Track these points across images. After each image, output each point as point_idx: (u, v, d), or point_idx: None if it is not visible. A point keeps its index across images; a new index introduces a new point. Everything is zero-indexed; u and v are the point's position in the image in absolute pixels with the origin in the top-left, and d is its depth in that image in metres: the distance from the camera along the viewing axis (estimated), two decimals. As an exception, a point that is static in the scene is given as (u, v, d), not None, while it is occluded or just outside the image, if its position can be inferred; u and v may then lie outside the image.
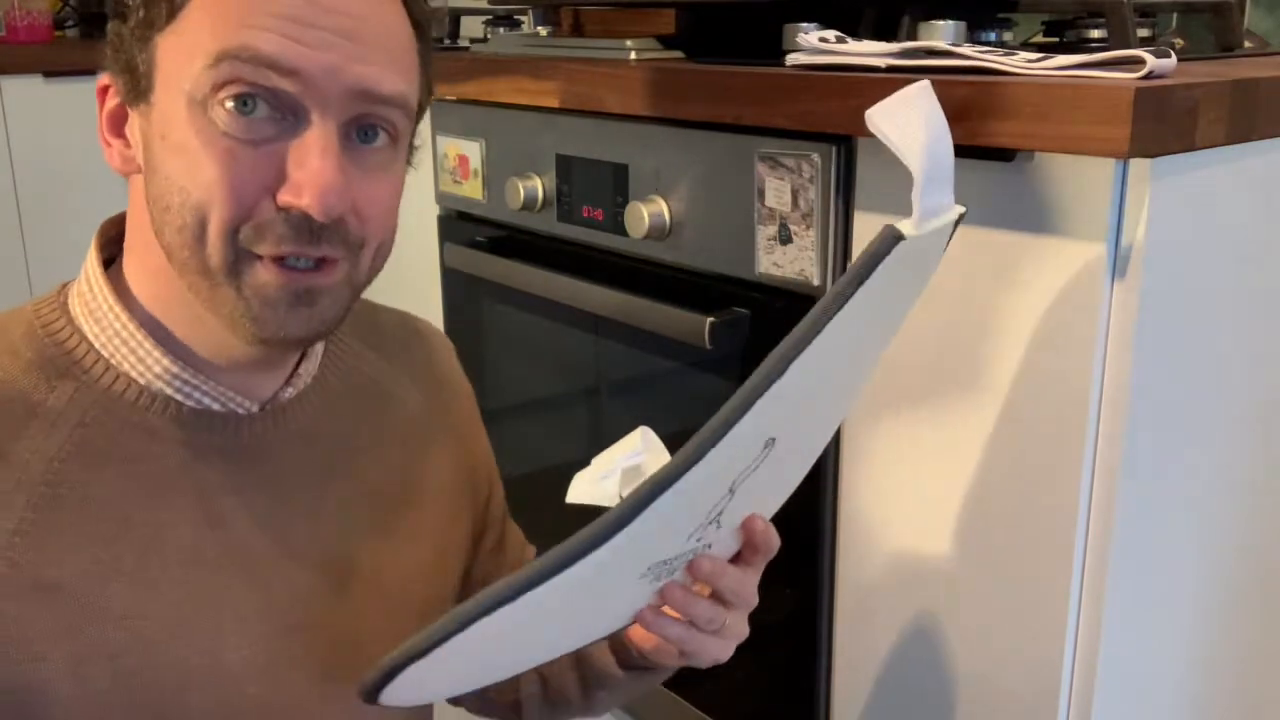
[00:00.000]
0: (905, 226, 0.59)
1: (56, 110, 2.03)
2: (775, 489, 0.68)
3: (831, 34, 0.91)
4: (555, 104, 1.10)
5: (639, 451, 0.62)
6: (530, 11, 1.40)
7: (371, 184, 0.62)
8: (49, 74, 2.02)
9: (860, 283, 0.56)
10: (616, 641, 0.78)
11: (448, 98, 1.29)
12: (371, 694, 0.61)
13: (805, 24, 0.95)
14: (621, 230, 1.06)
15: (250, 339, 0.62)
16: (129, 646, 0.62)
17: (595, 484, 0.62)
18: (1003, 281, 0.80)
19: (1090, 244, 0.74)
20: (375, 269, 0.67)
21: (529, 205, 1.17)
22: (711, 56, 1.05)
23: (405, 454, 0.77)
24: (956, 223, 0.66)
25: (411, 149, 0.69)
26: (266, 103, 0.58)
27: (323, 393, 0.72)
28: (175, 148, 0.59)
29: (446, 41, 1.46)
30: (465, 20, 1.51)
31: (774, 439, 0.60)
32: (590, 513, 1.26)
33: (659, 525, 0.56)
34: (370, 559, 0.73)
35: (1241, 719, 1.04)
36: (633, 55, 1.07)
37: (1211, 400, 0.85)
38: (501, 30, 1.43)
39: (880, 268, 0.57)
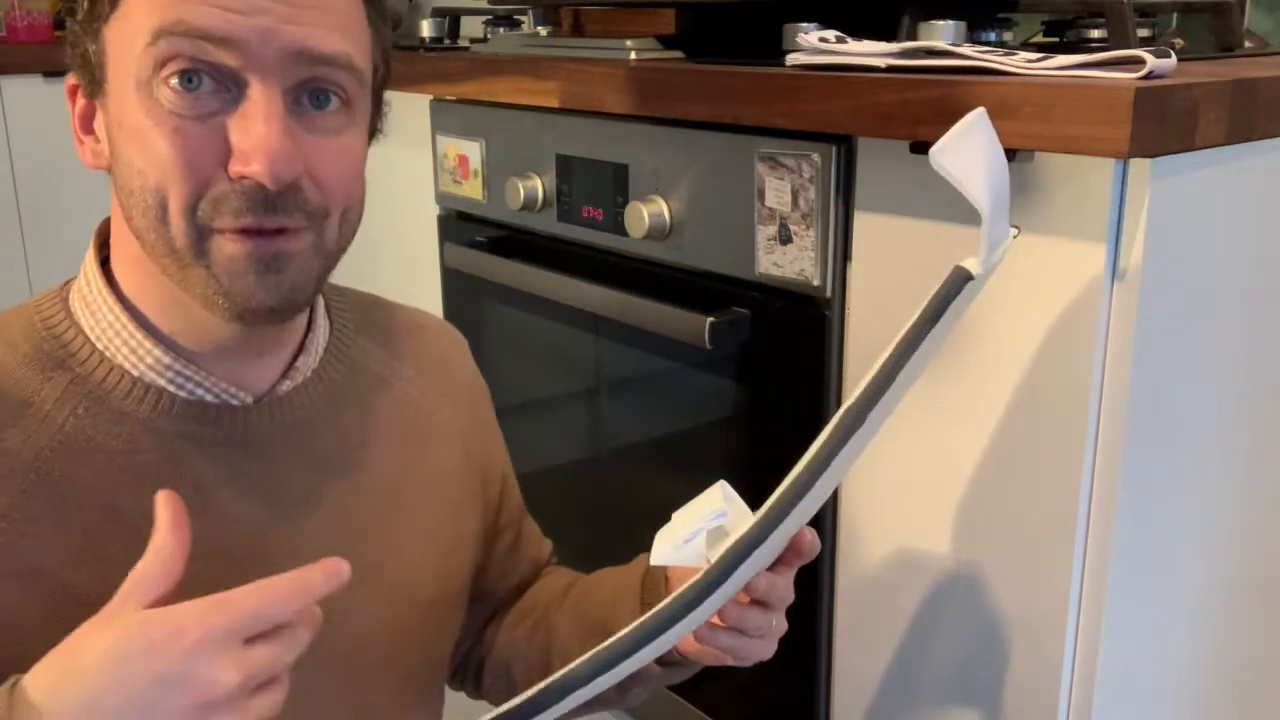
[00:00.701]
0: (972, 265, 0.60)
1: (56, 110, 2.03)
2: (821, 502, 0.70)
3: (831, 34, 0.91)
4: (555, 104, 1.10)
5: (723, 512, 0.64)
6: (530, 11, 1.41)
7: (326, 148, 0.62)
8: (49, 74, 2.02)
9: (932, 325, 0.59)
10: None
11: (448, 98, 1.30)
12: None
13: (805, 24, 0.95)
14: (621, 230, 1.06)
15: (226, 315, 0.62)
16: None
17: (681, 546, 0.64)
18: (1003, 281, 0.80)
19: (1090, 244, 0.74)
20: (345, 237, 0.66)
21: (529, 205, 1.17)
22: (711, 56, 1.05)
23: (410, 449, 0.77)
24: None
25: (378, 116, 0.69)
26: (210, 77, 0.59)
27: (323, 386, 0.72)
28: (131, 132, 0.60)
29: (446, 41, 1.47)
30: (465, 20, 1.51)
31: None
32: (591, 510, 1.25)
33: (744, 575, 0.60)
34: (371, 554, 0.73)
35: (1242, 719, 1.04)
36: (633, 55, 1.07)
37: (1211, 400, 0.85)
38: (501, 30, 1.43)
39: (950, 309, 0.59)
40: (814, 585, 0.97)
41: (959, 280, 0.59)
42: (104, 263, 0.68)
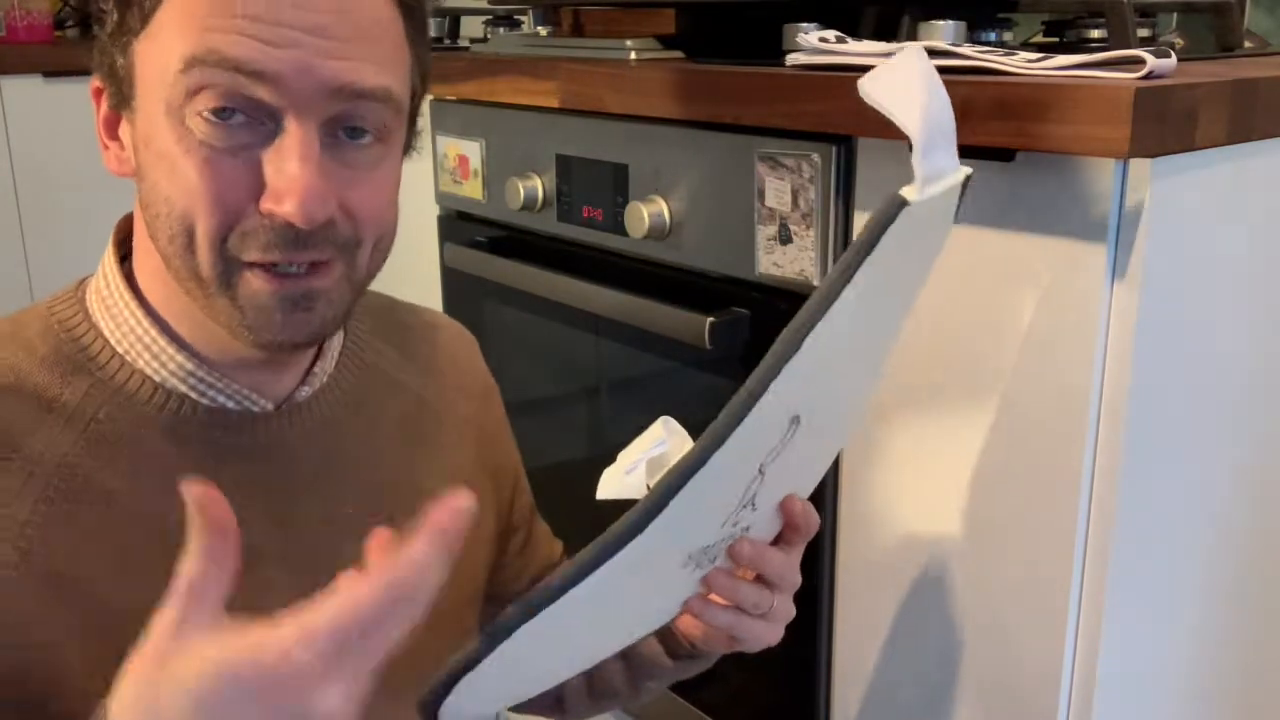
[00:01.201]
0: (909, 192, 0.57)
1: (56, 110, 2.03)
2: (809, 468, 0.68)
3: (831, 34, 0.91)
4: (555, 104, 1.10)
5: (662, 441, 0.62)
6: (530, 11, 1.41)
7: (361, 183, 0.61)
8: (49, 74, 2.02)
9: (868, 251, 0.55)
10: (664, 631, 0.77)
11: (448, 98, 1.29)
12: (430, 710, 0.60)
13: (805, 24, 0.95)
14: (621, 230, 1.06)
15: (250, 345, 0.62)
16: (135, 637, 0.62)
17: (622, 478, 0.61)
18: (1003, 281, 0.80)
19: (1090, 244, 0.74)
20: (376, 264, 0.65)
21: (529, 205, 1.17)
22: (711, 56, 1.05)
23: (425, 451, 0.77)
24: (966, 185, 0.64)
25: (412, 134, 0.68)
26: (243, 110, 0.57)
27: (340, 391, 0.72)
28: (158, 155, 0.59)
29: (446, 41, 1.46)
30: (465, 20, 1.51)
31: (798, 416, 0.59)
32: (592, 510, 1.25)
33: (691, 511, 0.56)
34: None
35: (1242, 718, 1.04)
36: (633, 55, 1.07)
37: (1211, 400, 0.85)
38: (501, 30, 1.43)
39: (886, 236, 0.56)
40: (814, 585, 0.97)
41: (894, 206, 0.56)
42: (122, 259, 0.67)
